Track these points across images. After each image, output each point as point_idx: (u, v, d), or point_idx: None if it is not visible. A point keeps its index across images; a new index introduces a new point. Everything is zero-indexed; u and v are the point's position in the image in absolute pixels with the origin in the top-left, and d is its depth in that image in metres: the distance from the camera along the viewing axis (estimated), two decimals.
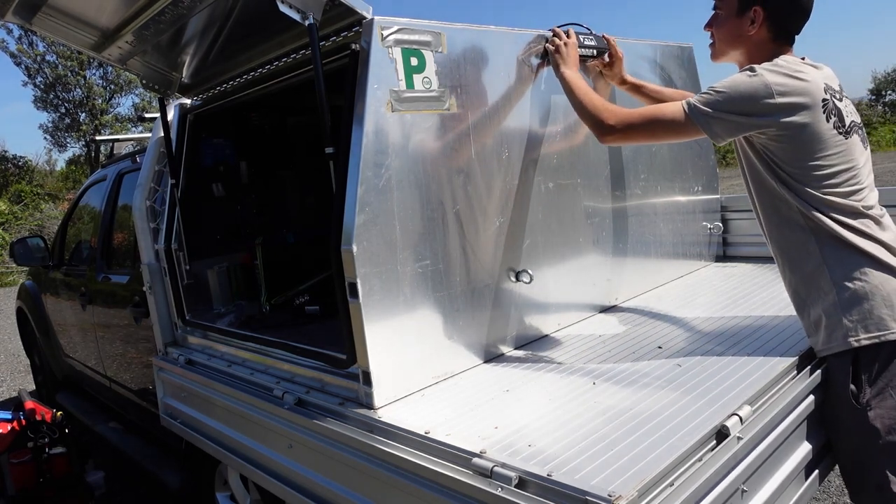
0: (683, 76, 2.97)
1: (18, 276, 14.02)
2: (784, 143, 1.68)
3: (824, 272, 1.73)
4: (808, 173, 1.69)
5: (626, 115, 1.86)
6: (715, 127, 1.70)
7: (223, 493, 2.79)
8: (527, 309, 2.20)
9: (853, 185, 1.71)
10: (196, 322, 2.75)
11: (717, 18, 1.89)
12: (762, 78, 1.65)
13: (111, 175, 3.94)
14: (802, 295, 1.81)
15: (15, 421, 3.26)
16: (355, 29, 1.96)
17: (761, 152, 1.75)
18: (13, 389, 6.22)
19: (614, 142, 1.91)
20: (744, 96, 1.66)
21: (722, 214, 3.23)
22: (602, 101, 1.93)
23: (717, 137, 1.74)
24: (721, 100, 1.68)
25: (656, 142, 1.95)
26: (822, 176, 1.69)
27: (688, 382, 1.71)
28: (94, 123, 24.89)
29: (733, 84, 1.68)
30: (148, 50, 2.54)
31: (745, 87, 1.66)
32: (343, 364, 1.84)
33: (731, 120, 1.68)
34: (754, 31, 1.81)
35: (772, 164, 1.73)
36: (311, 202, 3.50)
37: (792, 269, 1.82)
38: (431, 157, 1.90)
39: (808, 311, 1.80)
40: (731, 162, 27.05)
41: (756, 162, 1.78)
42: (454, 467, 1.45)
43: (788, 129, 1.66)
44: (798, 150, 1.68)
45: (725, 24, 1.86)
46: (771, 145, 1.71)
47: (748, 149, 1.79)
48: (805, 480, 1.74)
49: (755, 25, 1.80)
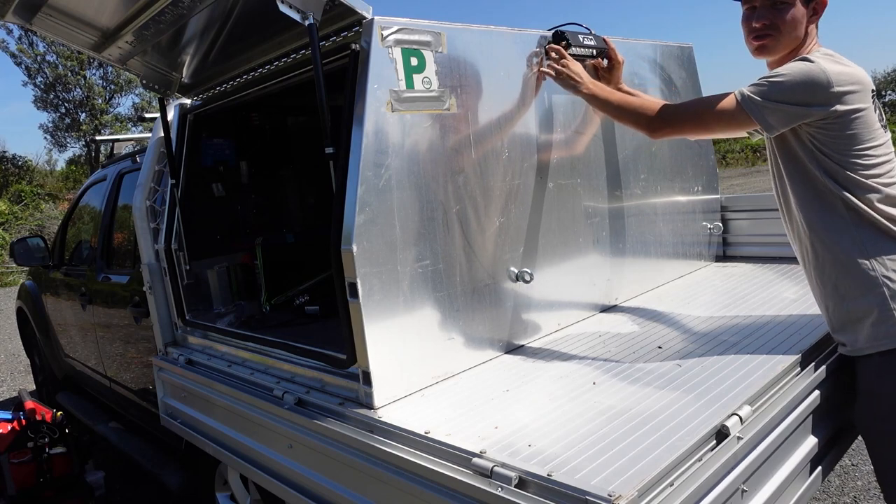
0: (683, 76, 2.97)
1: (18, 276, 14.02)
2: (834, 132, 1.66)
3: (867, 263, 1.68)
4: (856, 162, 1.67)
5: (673, 107, 1.84)
6: (769, 118, 1.67)
7: (223, 493, 2.79)
8: (527, 309, 2.20)
9: (893, 177, 1.70)
10: (196, 322, 2.75)
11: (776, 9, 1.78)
12: (820, 66, 1.62)
13: (111, 175, 3.94)
14: (836, 288, 1.75)
15: (15, 421, 3.26)
16: (355, 29, 1.97)
17: (807, 141, 1.71)
18: (13, 389, 6.22)
19: (664, 135, 1.87)
20: (803, 85, 1.63)
21: (722, 214, 3.23)
22: (639, 99, 1.93)
23: (771, 129, 1.70)
24: (777, 90, 1.65)
25: (707, 134, 1.89)
26: (868, 165, 1.67)
27: (688, 382, 1.71)
28: (94, 123, 24.89)
29: (791, 73, 1.65)
30: (148, 50, 2.55)
31: (804, 76, 1.63)
32: (343, 364, 1.84)
33: (786, 110, 1.66)
34: (814, 21, 1.79)
35: (817, 154, 1.70)
36: (311, 202, 3.50)
37: (830, 258, 1.75)
38: (431, 157, 1.90)
39: (844, 305, 1.74)
40: (730, 162, 27.09)
41: (798, 152, 1.74)
42: (454, 467, 1.45)
43: (842, 118, 1.64)
44: (848, 139, 1.66)
45: (794, 15, 1.78)
46: (819, 134, 1.68)
47: (791, 139, 1.75)
48: (807, 478, 1.74)
49: (816, 16, 1.79)
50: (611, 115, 2.03)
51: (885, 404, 1.71)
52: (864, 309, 1.70)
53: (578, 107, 2.38)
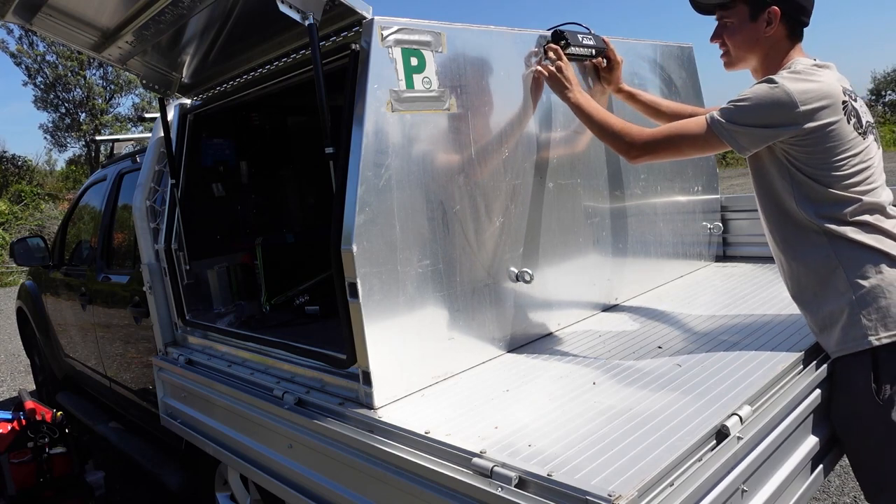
0: (683, 76, 2.97)
1: (18, 276, 14.03)
2: (808, 147, 1.69)
3: (840, 272, 1.73)
4: (829, 174, 1.69)
5: (649, 134, 1.86)
6: (740, 140, 1.71)
7: (223, 493, 2.79)
8: (527, 309, 2.20)
9: (870, 184, 1.72)
10: (196, 322, 2.75)
11: (726, 28, 1.87)
12: (783, 87, 1.65)
13: (111, 175, 3.94)
14: (814, 295, 1.80)
15: (15, 421, 3.26)
16: (355, 29, 1.97)
17: (780, 157, 1.75)
18: (13, 389, 6.22)
19: (642, 161, 1.91)
20: (767, 108, 1.66)
21: (722, 214, 3.23)
22: (620, 122, 1.93)
23: (744, 150, 1.74)
24: (744, 113, 1.69)
25: (683, 157, 1.95)
26: (843, 176, 1.69)
27: (688, 382, 1.71)
28: (94, 123, 24.89)
29: (755, 96, 1.68)
30: (148, 50, 2.55)
31: (767, 99, 1.66)
32: (343, 364, 1.84)
33: (755, 133, 1.69)
34: (771, 32, 1.81)
35: (792, 170, 1.73)
36: (311, 202, 3.50)
37: (804, 271, 1.80)
38: (431, 157, 1.90)
39: (820, 311, 1.79)
40: (730, 162, 27.09)
41: (768, 166, 1.78)
42: (454, 467, 1.45)
43: (813, 134, 1.66)
44: (821, 153, 1.68)
45: (739, 32, 1.85)
46: (792, 150, 1.71)
47: (764, 157, 1.79)
48: (808, 477, 1.74)
49: (772, 26, 1.80)
50: (591, 130, 2.04)
51: (855, 403, 1.77)
52: (835, 314, 1.75)
53: None
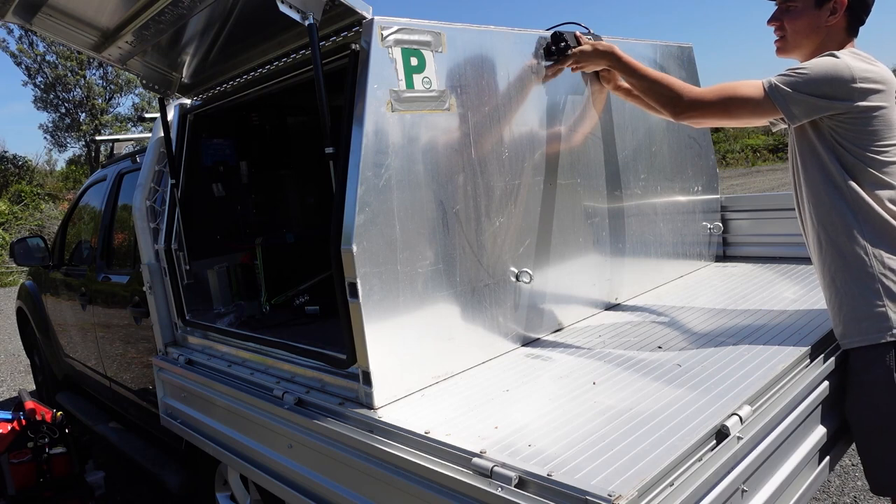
0: (683, 76, 2.97)
1: (18, 276, 14.02)
2: (856, 126, 1.71)
3: (867, 260, 1.75)
4: (874, 157, 1.72)
5: (700, 91, 1.86)
6: (793, 108, 1.73)
7: (223, 493, 2.79)
8: (527, 309, 2.20)
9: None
10: (196, 322, 2.75)
11: (787, 12, 1.88)
12: (845, 62, 1.68)
13: (111, 175, 3.94)
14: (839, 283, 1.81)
15: (15, 421, 3.26)
16: (355, 29, 1.96)
17: (827, 134, 1.76)
18: (13, 389, 6.22)
19: (689, 119, 1.89)
20: (827, 79, 1.68)
21: (722, 214, 3.23)
22: (671, 77, 1.94)
23: (794, 118, 1.76)
24: (803, 81, 1.71)
25: (731, 122, 1.90)
26: (886, 162, 1.73)
27: (688, 382, 1.71)
28: (94, 123, 24.90)
29: (817, 66, 1.71)
30: (148, 50, 2.55)
31: (829, 71, 1.69)
32: (343, 364, 1.84)
33: (811, 101, 1.71)
34: (833, 21, 1.82)
35: (836, 146, 1.76)
36: (311, 202, 3.50)
37: (833, 256, 1.81)
38: (431, 157, 1.90)
39: (841, 300, 1.80)
40: (730, 162, 27.08)
41: (817, 144, 1.79)
42: (454, 467, 1.45)
43: (864, 114, 1.69)
44: (868, 134, 1.71)
45: (802, 16, 1.85)
46: (840, 127, 1.73)
47: (810, 131, 1.80)
48: (807, 478, 1.75)
49: (835, 16, 1.81)
50: (643, 85, 1.99)
51: (871, 395, 1.78)
52: (857, 303, 1.77)
53: (578, 107, 2.38)
